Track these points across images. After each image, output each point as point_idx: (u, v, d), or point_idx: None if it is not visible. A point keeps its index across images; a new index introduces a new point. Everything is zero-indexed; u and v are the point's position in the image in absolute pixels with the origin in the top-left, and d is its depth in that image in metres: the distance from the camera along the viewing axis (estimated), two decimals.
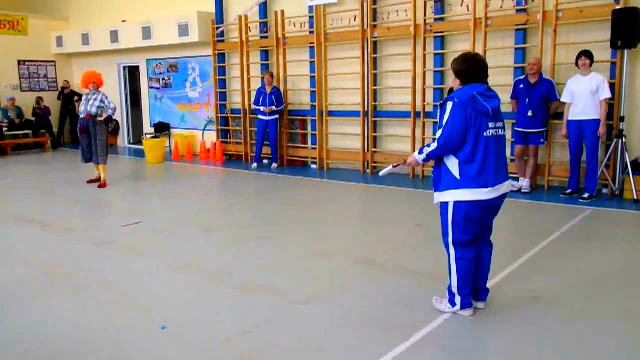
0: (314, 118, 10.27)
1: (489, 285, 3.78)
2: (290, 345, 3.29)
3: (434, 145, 3.44)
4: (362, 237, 5.83)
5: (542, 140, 7.44)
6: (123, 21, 13.08)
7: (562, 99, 7.14)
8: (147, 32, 12.28)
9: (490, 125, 3.39)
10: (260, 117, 10.24)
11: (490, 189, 3.38)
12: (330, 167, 10.19)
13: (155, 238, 5.79)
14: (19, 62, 14.44)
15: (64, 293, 4.22)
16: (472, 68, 3.44)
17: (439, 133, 3.42)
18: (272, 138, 10.27)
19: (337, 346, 3.27)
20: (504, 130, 3.52)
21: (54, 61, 15.14)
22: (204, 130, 12.42)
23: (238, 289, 4.22)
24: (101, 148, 8.60)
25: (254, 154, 10.60)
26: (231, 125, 11.77)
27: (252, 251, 5.28)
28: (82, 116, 8.61)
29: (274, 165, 10.39)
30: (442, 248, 3.67)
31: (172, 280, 4.50)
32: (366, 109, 9.51)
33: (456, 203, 3.43)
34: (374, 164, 9.62)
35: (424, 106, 8.83)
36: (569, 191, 7.22)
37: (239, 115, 11.41)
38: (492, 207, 3.51)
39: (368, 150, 9.61)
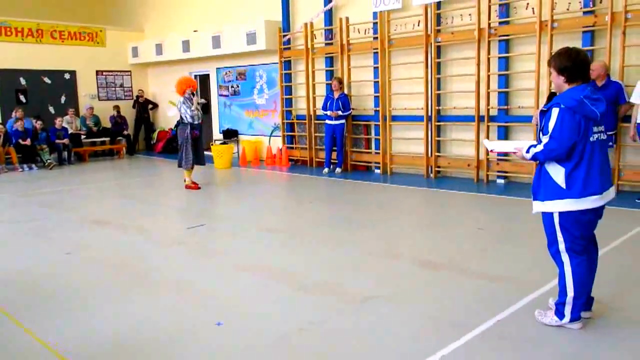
0: (377, 123, 10.40)
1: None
2: (343, 343, 3.38)
3: (540, 148, 3.26)
4: (425, 240, 5.90)
5: (610, 144, 7.28)
6: (194, 31, 13.65)
7: (632, 100, 6.97)
8: (216, 41, 12.79)
9: (595, 129, 3.22)
10: (328, 122, 10.46)
11: (598, 196, 3.23)
12: (393, 172, 10.29)
13: (224, 239, 6.09)
14: (97, 72, 15.24)
15: (135, 290, 4.48)
16: (578, 63, 3.24)
17: (545, 139, 3.25)
18: (339, 143, 10.46)
19: (392, 346, 3.35)
20: (605, 134, 3.35)
21: (130, 71, 15.90)
22: (270, 136, 12.78)
23: (299, 288, 4.36)
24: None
25: (324, 160, 10.77)
26: (296, 131, 12.08)
27: (315, 252, 5.44)
28: (197, 122, 8.86)
29: (338, 170, 10.58)
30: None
31: (236, 278, 4.70)
32: (429, 114, 9.56)
33: (562, 212, 3.27)
34: (437, 169, 9.65)
35: (488, 110, 8.81)
36: None
37: (304, 121, 11.69)
38: (597, 212, 3.35)
39: (431, 155, 9.66)
